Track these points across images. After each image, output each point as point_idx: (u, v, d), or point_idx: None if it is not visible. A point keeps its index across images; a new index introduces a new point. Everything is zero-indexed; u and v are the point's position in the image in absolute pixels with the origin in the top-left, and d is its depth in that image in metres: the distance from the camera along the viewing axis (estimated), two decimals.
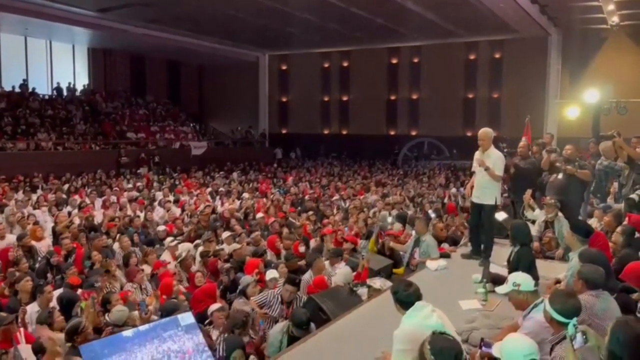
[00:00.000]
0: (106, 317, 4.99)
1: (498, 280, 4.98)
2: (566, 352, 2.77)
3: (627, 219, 6.15)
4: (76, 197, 12.93)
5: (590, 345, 2.78)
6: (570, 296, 3.13)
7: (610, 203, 7.79)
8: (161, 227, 9.38)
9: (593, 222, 7.14)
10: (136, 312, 5.27)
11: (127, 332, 4.11)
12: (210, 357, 4.28)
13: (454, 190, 15.33)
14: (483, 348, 3.05)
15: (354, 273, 6.55)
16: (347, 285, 5.97)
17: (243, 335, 4.77)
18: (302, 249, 8.11)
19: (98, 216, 10.66)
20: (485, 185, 6.32)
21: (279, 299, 5.51)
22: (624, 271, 4.89)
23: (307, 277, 6.58)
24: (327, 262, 7.06)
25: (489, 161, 6.16)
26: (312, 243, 8.69)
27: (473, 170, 6.62)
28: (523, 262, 5.00)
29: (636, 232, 5.79)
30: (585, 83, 18.75)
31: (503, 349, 2.65)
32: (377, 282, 5.93)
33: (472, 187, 6.62)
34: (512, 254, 5.28)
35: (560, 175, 7.66)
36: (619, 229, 5.78)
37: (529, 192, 7.42)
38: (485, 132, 6.33)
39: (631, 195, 6.63)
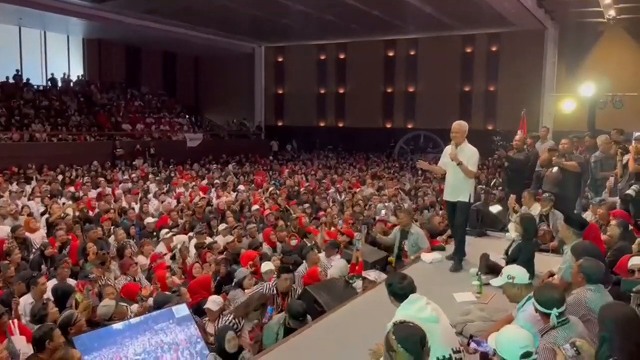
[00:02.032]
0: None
1: (495, 268, 5.00)
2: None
3: (611, 216, 6.19)
4: (71, 188, 12.88)
5: (583, 356, 2.80)
6: (551, 288, 3.20)
7: (605, 197, 7.81)
8: (149, 219, 9.35)
9: (587, 216, 7.17)
10: (135, 306, 5.25)
11: (118, 325, 4.09)
12: (204, 348, 4.28)
13: None
14: (472, 345, 3.05)
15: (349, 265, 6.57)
16: (343, 278, 5.98)
17: (257, 318, 4.78)
18: (293, 242, 8.12)
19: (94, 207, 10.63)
20: (458, 182, 5.94)
21: (275, 292, 5.51)
22: (618, 264, 4.92)
23: (302, 269, 6.59)
24: (322, 255, 7.07)
25: (463, 156, 5.82)
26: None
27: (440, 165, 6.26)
28: (523, 255, 5.02)
29: (629, 226, 5.83)
30: (581, 77, 18.77)
31: (499, 341, 2.66)
32: (372, 275, 5.94)
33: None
34: (513, 245, 5.30)
35: (555, 169, 7.70)
36: (614, 222, 5.80)
37: (512, 197, 7.46)
38: (459, 124, 5.92)
39: (627, 191, 6.63)
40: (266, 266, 6.37)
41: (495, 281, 3.80)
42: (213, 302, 5.18)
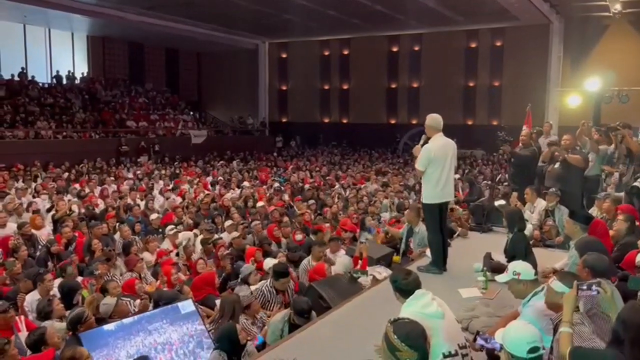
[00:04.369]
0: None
1: (499, 268, 4.99)
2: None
3: (618, 210, 6.14)
4: (76, 185, 12.93)
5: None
6: (578, 277, 3.17)
7: (611, 191, 7.77)
8: (154, 216, 9.37)
9: (593, 211, 7.14)
10: (138, 301, 5.27)
11: (110, 326, 3.99)
12: (197, 346, 4.23)
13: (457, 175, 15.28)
14: (478, 341, 3.04)
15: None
16: (347, 273, 5.97)
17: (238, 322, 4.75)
18: (299, 237, 8.12)
19: (99, 205, 10.67)
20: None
21: (275, 292, 5.47)
22: (624, 259, 4.88)
23: (306, 262, 6.59)
24: (327, 250, 7.07)
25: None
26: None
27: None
28: (518, 247, 5.02)
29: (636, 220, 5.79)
30: (586, 71, 18.65)
31: (506, 336, 2.65)
32: (383, 273, 5.94)
33: None
34: (508, 241, 5.30)
35: (557, 165, 7.64)
36: (621, 216, 5.75)
37: (514, 195, 7.43)
38: (429, 118, 5.49)
39: (634, 184, 6.59)
40: (270, 262, 6.38)
41: (501, 277, 3.80)
42: None
